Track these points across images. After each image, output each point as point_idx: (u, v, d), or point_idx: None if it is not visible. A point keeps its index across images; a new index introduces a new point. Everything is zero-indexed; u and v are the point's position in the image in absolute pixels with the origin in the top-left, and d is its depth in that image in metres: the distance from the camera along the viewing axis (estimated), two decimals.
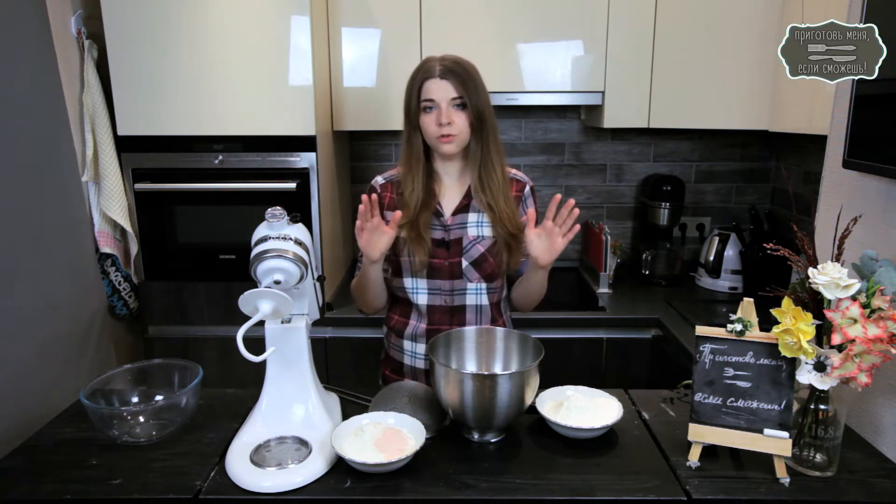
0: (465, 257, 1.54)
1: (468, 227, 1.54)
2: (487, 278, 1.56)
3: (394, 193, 1.56)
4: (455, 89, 1.43)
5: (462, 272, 1.54)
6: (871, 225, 1.27)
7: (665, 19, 2.33)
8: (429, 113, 1.45)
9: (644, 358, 2.29)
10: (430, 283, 1.55)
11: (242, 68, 2.11)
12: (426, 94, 1.44)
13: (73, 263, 1.96)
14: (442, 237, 1.53)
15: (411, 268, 1.53)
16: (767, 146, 2.75)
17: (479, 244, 1.53)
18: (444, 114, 1.43)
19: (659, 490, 1.09)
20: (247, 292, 1.13)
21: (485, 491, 1.09)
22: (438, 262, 1.53)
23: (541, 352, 1.27)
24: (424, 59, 1.51)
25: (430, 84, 1.44)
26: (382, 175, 1.61)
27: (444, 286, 1.55)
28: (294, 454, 1.16)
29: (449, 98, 1.43)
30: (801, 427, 1.15)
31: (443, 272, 1.54)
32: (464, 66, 1.46)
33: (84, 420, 1.28)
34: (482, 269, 1.54)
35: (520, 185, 1.59)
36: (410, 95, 1.47)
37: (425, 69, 1.45)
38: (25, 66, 1.75)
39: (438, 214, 1.54)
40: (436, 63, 1.45)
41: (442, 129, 1.44)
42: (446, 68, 1.44)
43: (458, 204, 1.55)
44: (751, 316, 1.13)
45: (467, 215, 1.55)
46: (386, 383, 1.67)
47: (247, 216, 1.66)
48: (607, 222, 2.84)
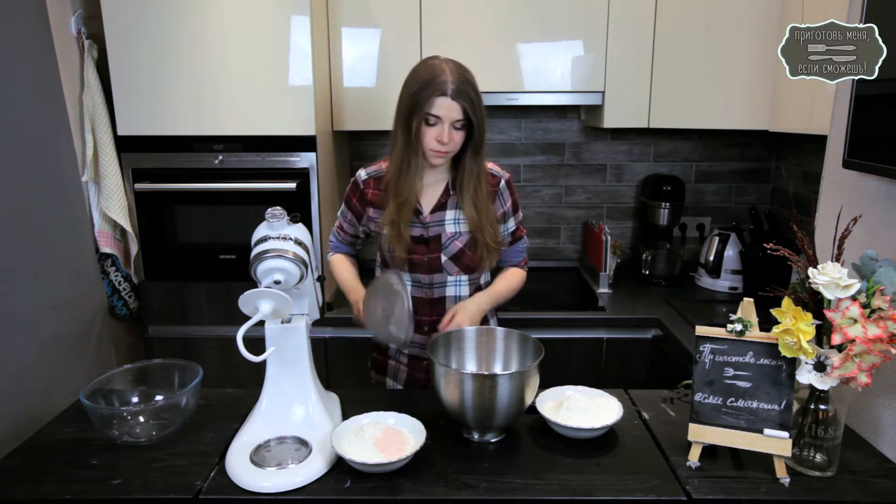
0: (444, 253, 1.57)
1: (446, 224, 1.57)
2: (466, 270, 1.60)
3: (376, 189, 1.58)
4: (462, 112, 1.42)
5: (441, 266, 1.58)
6: (871, 225, 1.27)
7: (665, 19, 2.33)
8: (431, 126, 1.44)
9: (644, 358, 2.29)
10: (411, 276, 1.59)
11: (242, 68, 2.11)
12: (433, 110, 1.42)
13: (73, 263, 1.96)
14: (421, 234, 1.56)
15: (392, 263, 1.58)
16: (767, 146, 2.75)
17: (457, 240, 1.57)
18: (447, 134, 1.43)
19: (659, 490, 1.09)
20: (247, 292, 1.13)
21: (485, 491, 1.09)
22: (418, 258, 1.57)
23: (541, 352, 1.27)
24: (431, 66, 1.45)
25: (440, 101, 1.41)
26: (366, 169, 1.61)
27: (424, 279, 1.59)
28: (294, 454, 1.16)
29: (454, 119, 1.43)
30: (801, 427, 1.15)
31: (422, 267, 1.58)
32: (471, 84, 1.44)
33: (84, 420, 1.28)
34: (461, 262, 1.58)
35: (494, 179, 1.60)
36: (415, 105, 1.43)
37: (437, 84, 1.41)
38: (25, 66, 1.75)
39: (418, 213, 1.56)
40: (447, 79, 1.41)
41: (440, 145, 1.45)
42: (458, 89, 1.41)
43: (436, 202, 1.57)
44: (751, 316, 1.13)
45: (445, 213, 1.57)
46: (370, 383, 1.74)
47: (247, 216, 1.67)
48: (607, 222, 2.84)
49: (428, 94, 1.41)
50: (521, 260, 1.70)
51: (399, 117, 1.49)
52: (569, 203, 2.86)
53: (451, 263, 1.58)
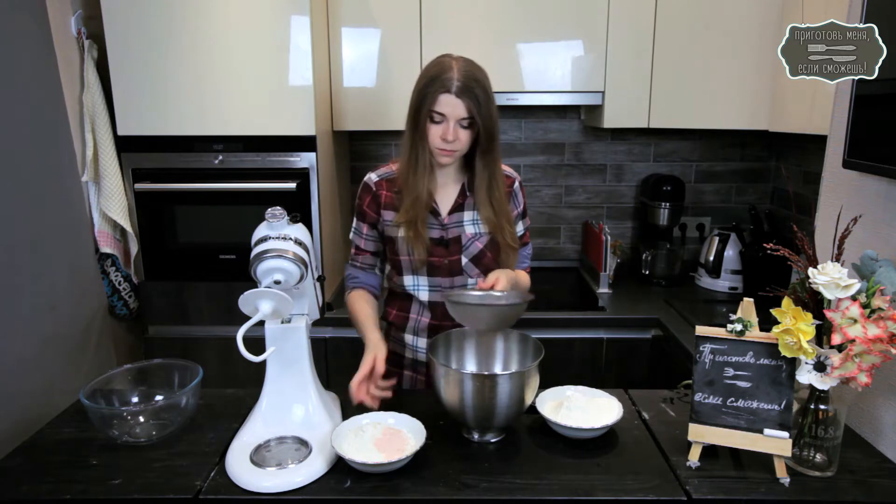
0: (464, 254, 1.54)
1: (465, 224, 1.54)
2: (486, 273, 1.56)
3: (390, 191, 1.55)
4: (466, 110, 1.40)
5: (462, 269, 1.55)
6: (871, 225, 1.27)
7: (665, 19, 2.33)
8: (436, 124, 1.43)
9: (644, 358, 2.29)
10: (430, 280, 1.55)
11: (242, 68, 2.11)
12: (438, 107, 1.40)
13: (73, 263, 1.96)
14: (440, 236, 1.53)
15: (411, 266, 1.54)
16: (767, 146, 2.75)
17: (477, 241, 1.54)
18: (452, 131, 1.41)
19: (659, 490, 1.09)
20: (247, 292, 1.13)
21: (485, 491, 1.09)
22: (437, 261, 1.53)
23: (541, 352, 1.27)
24: (441, 62, 1.43)
25: (444, 98, 1.39)
26: (375, 172, 1.58)
27: (444, 283, 1.55)
28: (294, 454, 1.16)
29: (459, 116, 1.41)
30: (801, 427, 1.15)
31: (442, 270, 1.54)
32: (480, 83, 1.41)
33: (84, 420, 1.28)
34: (482, 264, 1.55)
35: (509, 179, 1.59)
36: (422, 102, 1.42)
37: (442, 81, 1.39)
38: (25, 66, 1.75)
39: (436, 213, 1.54)
40: (453, 76, 1.39)
41: (445, 143, 1.43)
42: (463, 86, 1.38)
43: (453, 202, 1.55)
44: (751, 316, 1.13)
45: (463, 214, 1.55)
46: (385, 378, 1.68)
47: (247, 216, 1.67)
48: (607, 222, 2.84)
49: (433, 90, 1.40)
50: (526, 266, 1.68)
51: (409, 114, 1.48)
52: (569, 203, 2.86)
53: (472, 265, 1.55)
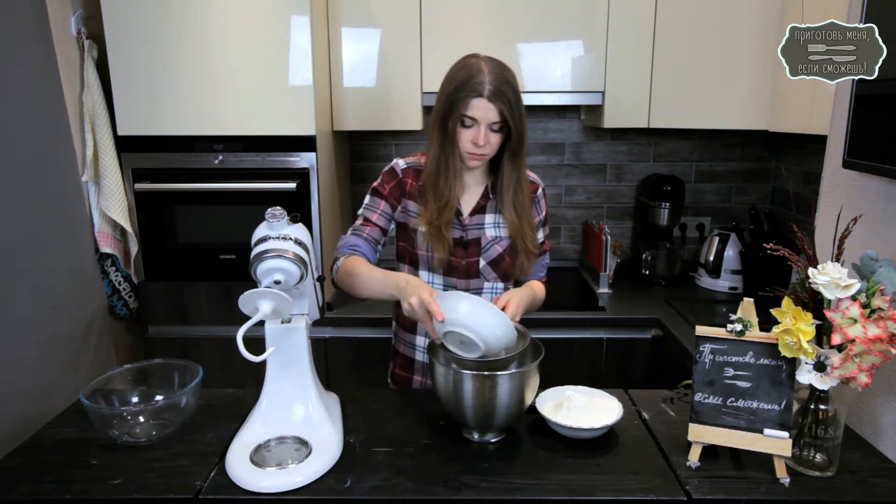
0: (483, 257, 1.53)
1: (486, 227, 1.53)
2: (503, 277, 1.56)
3: (415, 181, 1.52)
4: (499, 113, 1.37)
5: (479, 272, 1.54)
6: (871, 225, 1.27)
7: (665, 19, 2.33)
8: (467, 128, 1.40)
9: (644, 358, 2.29)
10: (445, 279, 1.54)
11: (242, 68, 2.11)
12: (469, 111, 1.38)
13: (73, 263, 1.96)
14: (460, 236, 1.52)
15: (429, 263, 1.52)
16: (767, 146, 2.75)
17: (497, 244, 1.53)
18: (483, 136, 1.39)
19: (659, 490, 1.09)
20: (247, 292, 1.13)
21: (485, 491, 1.09)
22: (455, 261, 1.52)
23: (541, 352, 1.27)
24: (469, 64, 1.39)
25: (476, 102, 1.36)
26: (404, 159, 1.55)
27: (460, 284, 1.54)
28: (294, 454, 1.16)
29: (491, 121, 1.38)
30: (801, 427, 1.15)
31: (459, 271, 1.53)
32: (511, 85, 1.38)
33: (84, 420, 1.28)
34: (499, 268, 1.54)
35: (533, 185, 1.58)
36: (452, 106, 1.39)
37: (473, 85, 1.36)
38: (25, 66, 1.75)
39: (457, 214, 1.52)
40: (485, 80, 1.36)
41: (476, 148, 1.41)
42: (496, 90, 1.36)
43: (475, 204, 1.54)
44: (751, 316, 1.13)
45: (484, 216, 1.54)
46: (395, 382, 1.67)
47: (247, 216, 1.66)
48: (607, 222, 2.84)
49: (464, 94, 1.37)
50: (543, 275, 1.66)
51: (436, 118, 1.45)
52: (569, 203, 2.86)
53: (489, 269, 1.54)
